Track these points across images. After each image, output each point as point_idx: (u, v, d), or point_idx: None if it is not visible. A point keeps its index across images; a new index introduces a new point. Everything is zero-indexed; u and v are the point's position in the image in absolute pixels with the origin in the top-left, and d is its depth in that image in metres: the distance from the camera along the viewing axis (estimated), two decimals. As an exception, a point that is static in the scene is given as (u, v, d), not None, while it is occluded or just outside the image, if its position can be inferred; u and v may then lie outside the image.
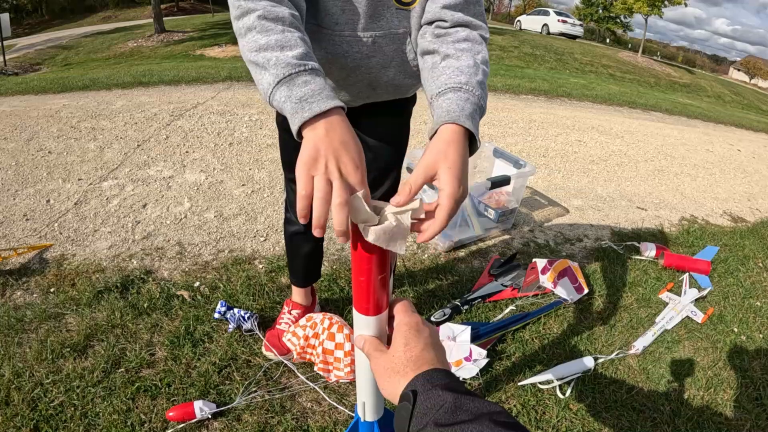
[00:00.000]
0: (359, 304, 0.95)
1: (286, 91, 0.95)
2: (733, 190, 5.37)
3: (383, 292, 0.93)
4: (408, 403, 0.75)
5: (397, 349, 0.85)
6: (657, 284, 3.06)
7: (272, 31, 1.00)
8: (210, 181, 3.71)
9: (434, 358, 0.84)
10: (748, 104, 21.95)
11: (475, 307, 2.60)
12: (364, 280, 0.90)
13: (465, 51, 1.14)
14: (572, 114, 7.64)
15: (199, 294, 2.49)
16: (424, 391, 0.75)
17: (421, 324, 0.90)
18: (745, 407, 2.24)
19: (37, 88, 6.48)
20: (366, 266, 0.89)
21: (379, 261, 0.88)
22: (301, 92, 0.93)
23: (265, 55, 0.98)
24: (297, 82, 0.95)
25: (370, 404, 1.15)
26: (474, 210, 3.24)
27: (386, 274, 0.92)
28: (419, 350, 0.84)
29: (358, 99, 1.53)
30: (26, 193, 3.39)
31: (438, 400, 0.72)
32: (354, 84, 1.45)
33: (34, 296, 2.43)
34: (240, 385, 1.98)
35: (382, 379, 0.85)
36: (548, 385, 2.15)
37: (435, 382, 0.77)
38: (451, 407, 0.70)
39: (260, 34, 1.00)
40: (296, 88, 0.94)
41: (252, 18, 1.02)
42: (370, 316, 0.95)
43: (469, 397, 0.72)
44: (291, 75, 0.95)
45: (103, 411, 1.82)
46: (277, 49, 0.98)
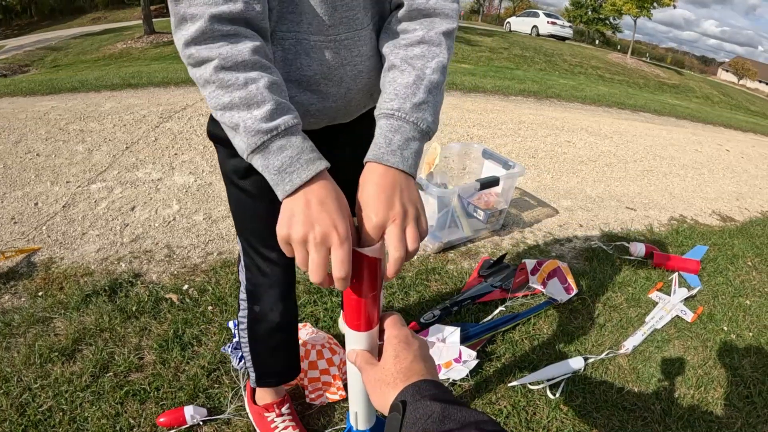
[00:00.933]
0: (351, 321, 0.96)
1: (262, 161, 0.90)
2: (721, 189, 5.41)
3: (374, 309, 0.95)
4: (398, 414, 0.76)
5: (388, 362, 0.87)
6: (646, 284, 3.07)
7: (233, 86, 0.90)
8: (199, 183, 3.69)
9: (423, 369, 0.85)
10: (737, 105, 22.11)
11: (464, 308, 2.60)
12: (356, 298, 0.92)
13: (414, 60, 1.05)
14: (561, 115, 7.67)
15: (187, 297, 2.48)
16: (413, 402, 0.76)
17: (411, 337, 0.92)
18: (736, 405, 2.25)
19: (26, 90, 6.44)
20: (358, 287, 0.90)
21: (370, 280, 0.89)
22: (278, 162, 0.89)
23: (231, 116, 0.90)
24: (272, 149, 0.89)
25: (363, 414, 1.16)
26: (463, 211, 3.24)
27: (377, 292, 0.93)
28: (409, 362, 0.85)
29: (355, 112, 1.33)
30: (14, 196, 3.36)
31: (426, 410, 0.73)
32: (353, 98, 1.25)
33: (22, 300, 2.41)
34: (229, 389, 1.97)
35: (373, 391, 0.87)
36: (538, 386, 2.15)
37: (424, 392, 0.78)
38: (439, 417, 0.71)
39: (221, 90, 0.90)
40: (272, 157, 0.89)
41: (209, 70, 0.90)
42: (361, 332, 0.96)
43: (456, 407, 0.73)
44: (264, 143, 0.88)
45: (92, 415, 1.80)
46: (243, 108, 0.89)
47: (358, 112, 1.33)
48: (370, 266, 0.88)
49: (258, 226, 1.42)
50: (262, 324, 1.58)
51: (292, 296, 1.59)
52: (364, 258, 0.87)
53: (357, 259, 0.87)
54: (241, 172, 1.32)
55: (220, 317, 2.34)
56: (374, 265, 0.89)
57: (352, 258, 0.86)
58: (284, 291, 1.53)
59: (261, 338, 1.63)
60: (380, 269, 0.91)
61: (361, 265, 0.87)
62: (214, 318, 2.33)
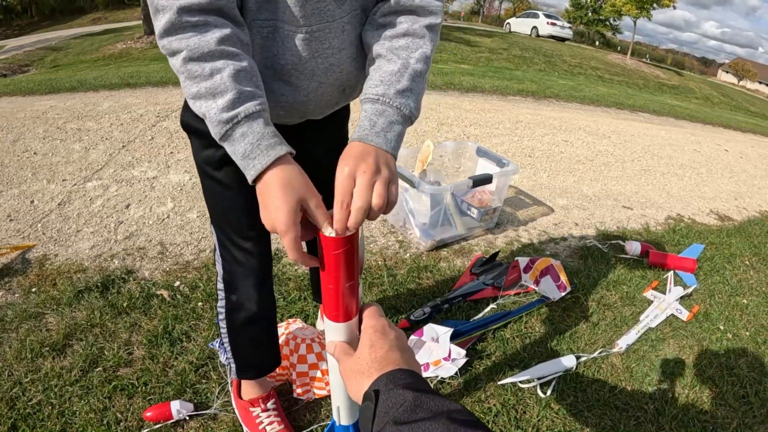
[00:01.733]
0: (329, 312, 0.96)
1: (230, 147, 0.95)
2: (720, 189, 5.40)
3: (352, 299, 0.95)
4: (371, 403, 0.76)
5: (363, 351, 0.87)
6: (642, 282, 3.07)
7: (200, 76, 0.94)
8: (194, 182, 3.69)
9: (399, 359, 0.85)
10: (737, 105, 22.07)
11: (455, 305, 2.59)
12: (333, 288, 0.92)
13: (399, 50, 1.10)
14: (560, 115, 7.66)
15: (178, 293, 2.48)
16: (386, 391, 0.76)
17: (387, 327, 0.92)
18: (732, 405, 2.24)
19: (25, 90, 6.45)
20: (334, 274, 0.90)
21: (346, 269, 0.90)
22: (242, 148, 0.93)
23: (200, 105, 0.95)
24: (235, 137, 0.94)
25: (344, 408, 1.16)
26: (457, 209, 3.24)
27: (354, 282, 0.93)
28: (384, 351, 0.85)
29: (326, 110, 1.35)
30: (11, 193, 3.37)
31: (399, 399, 0.73)
32: (324, 93, 1.25)
33: (15, 296, 2.42)
34: (216, 384, 1.97)
35: (348, 381, 0.87)
36: (529, 384, 2.15)
37: (397, 381, 0.78)
38: (410, 406, 0.71)
39: (189, 81, 0.95)
40: (237, 143, 0.94)
41: (179, 62, 0.95)
42: (340, 322, 0.96)
43: (429, 396, 0.73)
44: (227, 132, 0.94)
45: (80, 410, 1.81)
46: (209, 97, 0.93)
47: (329, 108, 1.35)
48: (346, 254, 0.88)
49: (232, 217, 1.44)
50: (239, 313, 1.59)
51: (268, 285, 1.60)
52: (339, 245, 0.87)
53: (330, 246, 0.87)
54: (214, 163, 1.35)
55: (210, 313, 2.34)
56: (350, 253, 0.89)
57: (326, 244, 0.87)
58: (260, 280, 1.55)
59: (239, 328, 1.63)
60: (357, 258, 0.91)
61: (336, 252, 0.87)
62: (204, 314, 2.33)
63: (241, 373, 1.74)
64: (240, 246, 1.47)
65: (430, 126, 5.84)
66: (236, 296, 1.57)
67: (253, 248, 1.48)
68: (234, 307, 1.59)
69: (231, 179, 1.35)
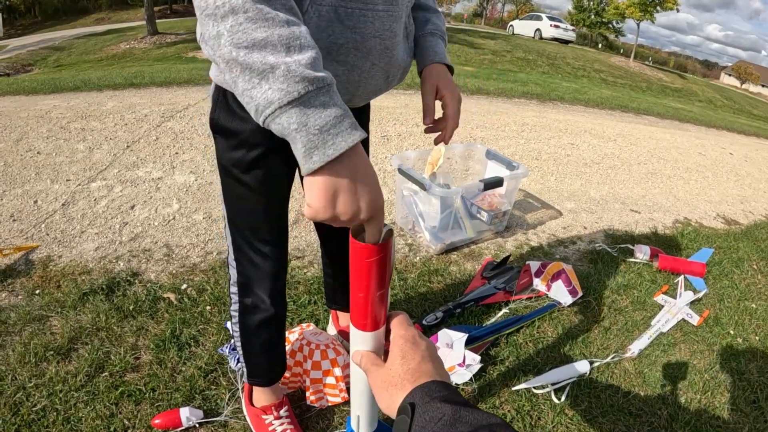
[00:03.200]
0: (357, 320, 0.93)
1: (299, 116, 0.74)
2: (725, 192, 5.38)
3: (381, 308, 0.92)
4: (406, 417, 0.73)
5: (394, 362, 0.84)
6: (652, 287, 3.04)
7: (273, 20, 0.74)
8: (199, 183, 3.66)
9: (432, 370, 0.82)
10: (739, 108, 22.09)
11: (467, 310, 2.56)
12: (363, 296, 0.89)
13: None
14: (565, 117, 7.65)
15: (186, 296, 2.44)
16: (423, 404, 0.73)
17: (418, 337, 0.89)
18: (743, 410, 2.22)
19: (28, 89, 6.44)
20: (365, 283, 0.87)
21: (378, 278, 0.86)
22: (321, 120, 0.74)
23: (263, 57, 0.73)
24: (314, 104, 0.74)
25: (365, 417, 1.13)
26: (466, 212, 3.21)
27: (385, 290, 0.90)
28: (416, 363, 0.82)
29: (369, 96, 1.29)
30: (14, 193, 3.34)
31: (436, 412, 0.70)
32: (374, 76, 1.20)
33: (19, 298, 2.38)
34: (226, 391, 1.93)
35: (379, 393, 0.84)
36: (543, 390, 2.12)
37: (433, 394, 0.75)
38: (449, 420, 0.68)
39: (255, 24, 0.73)
40: (314, 113, 0.74)
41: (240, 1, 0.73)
42: (367, 331, 0.93)
43: (468, 409, 0.70)
44: (308, 93, 0.74)
45: (86, 416, 1.77)
46: (282, 50, 0.74)
47: (372, 95, 1.31)
48: (380, 262, 0.85)
49: (254, 220, 1.39)
50: (254, 316, 1.56)
51: (282, 288, 1.58)
52: (373, 253, 0.83)
53: (364, 254, 0.83)
54: (243, 166, 1.29)
55: (219, 317, 2.30)
56: (384, 261, 0.85)
57: (358, 252, 0.83)
58: (275, 283, 1.52)
59: (252, 331, 1.60)
60: (389, 266, 0.87)
61: (370, 260, 0.84)
62: (212, 318, 2.30)
63: (252, 379, 1.71)
64: (258, 249, 1.43)
65: (436, 128, 5.77)
66: (251, 299, 1.53)
67: (271, 252, 1.45)
68: (247, 310, 1.56)
69: (258, 182, 1.30)
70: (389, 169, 4.29)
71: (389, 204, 3.62)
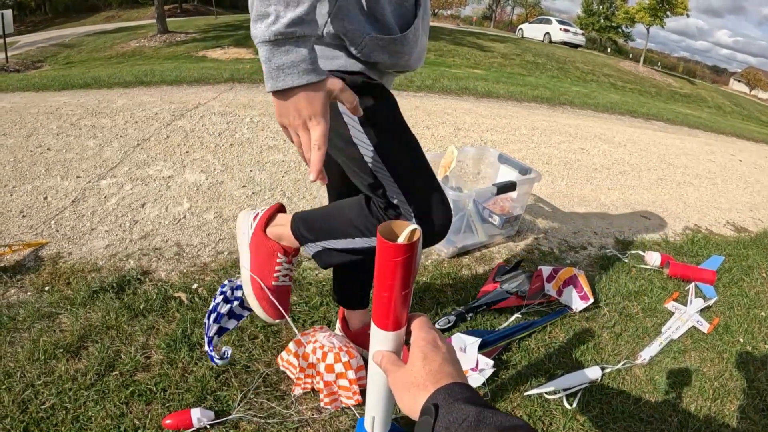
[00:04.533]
0: (379, 320, 0.93)
1: (268, 53, 1.02)
2: (735, 200, 5.36)
3: (404, 308, 0.92)
4: (429, 417, 0.73)
5: (416, 364, 0.84)
6: (662, 293, 3.02)
7: None
8: (210, 182, 3.66)
9: (453, 372, 0.83)
10: (749, 115, 22.01)
11: (479, 314, 2.55)
12: (387, 295, 0.88)
13: None
14: (575, 122, 7.63)
15: (196, 296, 2.43)
16: (446, 405, 0.73)
17: (439, 340, 0.90)
18: (752, 418, 2.20)
19: (38, 85, 6.46)
20: (390, 282, 0.86)
21: (403, 277, 0.86)
22: (280, 61, 1.02)
23: (266, 4, 0.99)
24: (281, 48, 1.01)
25: (380, 419, 1.13)
26: (478, 216, 3.19)
27: (409, 290, 0.89)
28: (438, 364, 0.83)
29: (421, 57, 1.52)
30: (24, 189, 3.34)
31: (460, 413, 0.70)
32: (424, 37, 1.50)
33: (27, 294, 2.37)
34: (237, 392, 1.92)
35: (400, 394, 0.84)
36: (555, 395, 2.10)
37: (456, 395, 0.75)
38: (473, 421, 0.68)
39: None
40: (278, 54, 1.01)
41: None
42: (389, 331, 0.93)
43: (491, 411, 0.70)
44: (277, 41, 1.00)
45: (96, 415, 1.76)
46: (282, 3, 0.99)
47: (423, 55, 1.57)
48: (406, 262, 0.84)
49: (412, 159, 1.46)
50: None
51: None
52: (400, 252, 0.83)
53: (391, 253, 0.83)
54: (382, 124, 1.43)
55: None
56: (410, 261, 0.85)
57: (385, 251, 0.83)
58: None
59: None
60: (415, 266, 0.87)
61: (396, 260, 0.83)
62: (224, 318, 2.28)
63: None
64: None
65: (447, 131, 5.80)
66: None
67: None
68: None
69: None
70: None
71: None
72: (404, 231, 0.84)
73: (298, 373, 1.93)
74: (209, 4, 31.50)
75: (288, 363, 1.99)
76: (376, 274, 0.88)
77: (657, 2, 26.50)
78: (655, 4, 26.68)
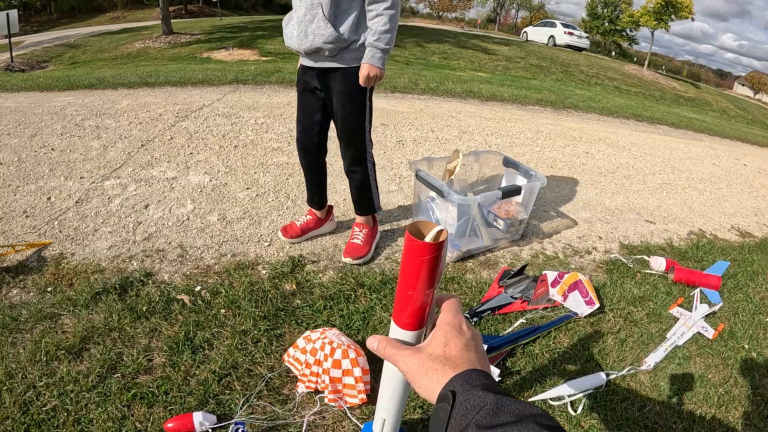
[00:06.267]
0: (401, 319, 0.91)
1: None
2: (740, 204, 5.33)
3: (427, 308, 0.90)
4: (446, 404, 0.70)
5: (437, 348, 0.81)
6: (667, 299, 3.00)
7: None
8: (214, 184, 3.65)
9: (474, 359, 0.79)
10: (753, 119, 21.92)
11: (484, 319, 2.54)
12: (412, 293, 0.87)
13: None
14: (579, 126, 7.61)
15: (199, 299, 2.42)
16: (464, 392, 0.70)
17: (464, 325, 0.86)
18: (756, 425, 2.19)
19: (43, 85, 6.47)
20: (415, 281, 0.85)
21: (429, 276, 0.84)
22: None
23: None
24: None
25: (390, 422, 1.11)
26: (483, 220, 3.18)
27: (432, 290, 0.88)
28: (459, 350, 0.79)
29: None
30: (27, 189, 3.34)
31: (478, 401, 0.68)
32: None
33: (30, 295, 2.37)
34: (240, 396, 1.91)
35: (416, 377, 0.80)
36: (559, 402, 2.09)
37: (474, 382, 0.72)
38: (492, 409, 0.66)
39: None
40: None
41: None
42: (409, 330, 0.91)
43: (510, 399, 0.68)
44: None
45: (97, 417, 1.75)
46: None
47: None
48: (433, 261, 0.83)
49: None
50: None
51: None
52: (427, 251, 0.82)
53: (418, 252, 0.82)
54: None
55: (233, 320, 2.29)
56: (437, 260, 0.83)
57: (412, 250, 0.83)
58: None
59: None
60: (441, 266, 0.85)
61: (423, 258, 0.82)
62: (227, 321, 2.28)
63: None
64: None
65: (451, 134, 5.79)
66: None
67: None
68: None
69: None
70: (405, 174, 4.27)
71: (405, 209, 3.60)
72: (432, 231, 0.83)
73: (303, 369, 1.93)
74: (214, 5, 31.50)
75: (294, 359, 1.98)
76: (402, 272, 0.87)
77: (662, 6, 26.41)
78: (659, 8, 26.59)
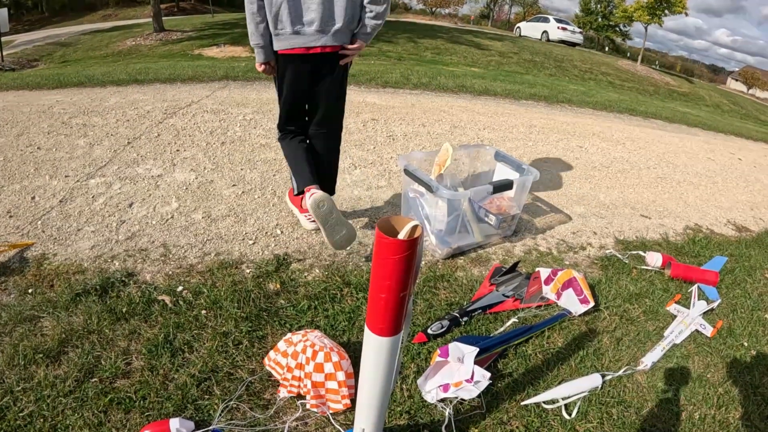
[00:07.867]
0: (374, 325, 0.85)
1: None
2: (735, 199, 5.30)
3: (402, 311, 0.83)
4: None
5: None
6: (664, 296, 2.96)
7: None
8: (200, 181, 3.59)
9: None
10: (746, 114, 21.96)
11: (475, 318, 2.48)
12: (384, 297, 0.80)
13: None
14: (573, 120, 7.56)
15: (181, 299, 2.36)
16: None
17: None
18: (757, 426, 2.14)
19: (32, 84, 6.41)
20: (388, 282, 0.79)
21: (403, 277, 0.78)
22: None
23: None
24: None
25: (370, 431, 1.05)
26: (474, 216, 3.12)
27: (407, 293, 0.81)
28: None
29: None
30: (12, 189, 3.28)
31: None
32: None
33: (11, 297, 2.32)
34: (219, 401, 1.85)
35: None
36: (553, 405, 2.03)
37: None
38: None
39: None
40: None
41: None
42: (384, 336, 0.85)
43: None
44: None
45: (74, 424, 1.70)
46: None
47: None
48: (407, 260, 0.76)
49: None
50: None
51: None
52: (400, 249, 0.75)
53: (390, 250, 0.75)
54: None
55: (214, 322, 2.23)
56: (411, 258, 0.77)
57: (384, 247, 0.76)
58: None
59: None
60: (415, 267, 0.79)
61: (395, 257, 0.75)
62: (208, 323, 2.22)
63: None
64: None
65: (443, 129, 5.73)
66: None
67: None
68: None
69: None
70: (395, 170, 4.21)
71: (395, 206, 3.54)
72: (405, 227, 0.77)
73: (285, 373, 1.87)
74: (206, 2, 31.39)
75: (275, 363, 1.93)
76: (373, 274, 0.80)
77: (655, 1, 26.38)
78: (653, 3, 26.53)
